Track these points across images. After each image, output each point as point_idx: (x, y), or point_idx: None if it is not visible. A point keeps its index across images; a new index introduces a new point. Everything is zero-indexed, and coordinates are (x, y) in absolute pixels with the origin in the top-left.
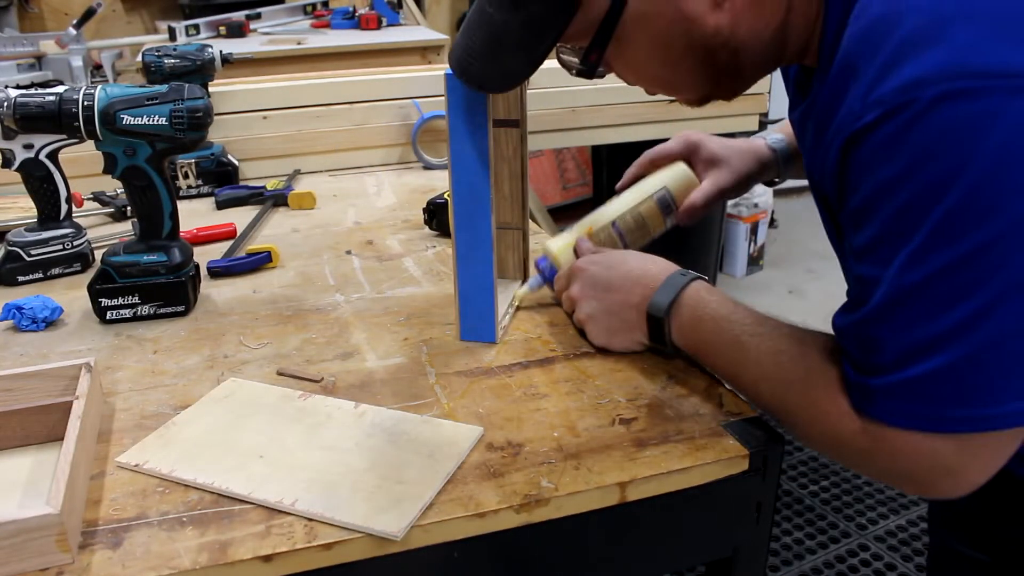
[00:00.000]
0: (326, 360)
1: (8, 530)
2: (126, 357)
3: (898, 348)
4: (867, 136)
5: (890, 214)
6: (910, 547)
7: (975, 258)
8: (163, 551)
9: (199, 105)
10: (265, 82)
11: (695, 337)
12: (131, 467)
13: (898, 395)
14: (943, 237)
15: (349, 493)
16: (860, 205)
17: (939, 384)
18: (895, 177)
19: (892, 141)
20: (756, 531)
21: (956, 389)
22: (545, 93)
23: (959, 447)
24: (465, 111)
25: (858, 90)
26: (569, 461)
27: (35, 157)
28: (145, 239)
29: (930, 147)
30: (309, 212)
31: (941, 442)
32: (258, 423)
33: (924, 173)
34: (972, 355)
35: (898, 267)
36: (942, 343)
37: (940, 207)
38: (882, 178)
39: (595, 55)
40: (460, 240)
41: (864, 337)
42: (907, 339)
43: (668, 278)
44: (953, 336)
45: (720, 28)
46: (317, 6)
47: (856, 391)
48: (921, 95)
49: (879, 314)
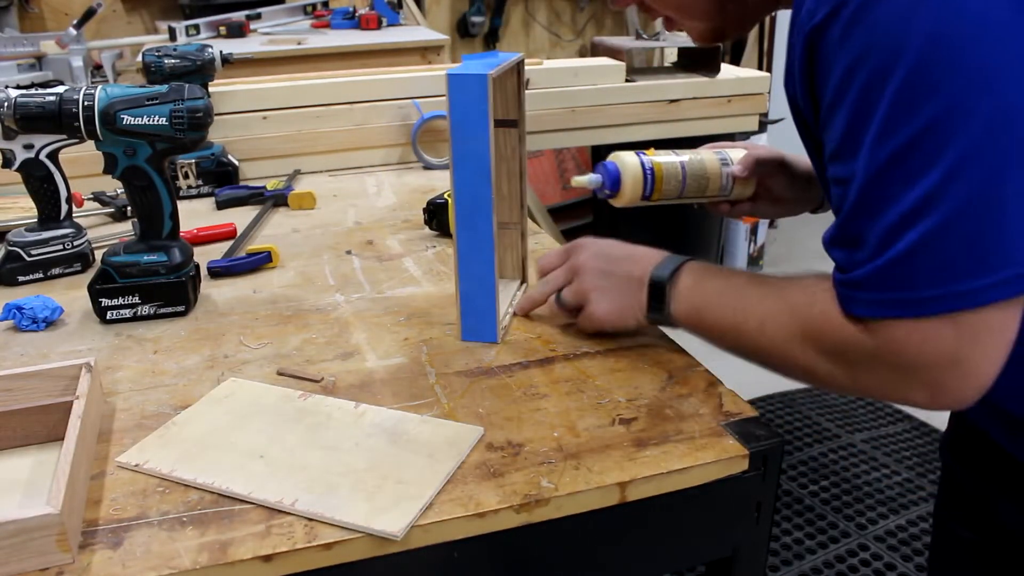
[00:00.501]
0: (326, 360)
1: (8, 530)
2: (126, 357)
3: (876, 236)
4: (824, 32)
5: (850, 105)
6: (910, 547)
7: (928, 133)
8: (163, 551)
9: (199, 105)
10: (265, 82)
11: (698, 298)
12: (131, 467)
13: (877, 284)
14: (896, 117)
15: (349, 493)
16: (828, 102)
17: (911, 264)
18: (849, 67)
19: (844, 33)
20: (756, 531)
21: (927, 267)
22: (545, 93)
23: (955, 331)
24: (466, 111)
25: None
26: (569, 461)
27: (35, 157)
28: (145, 239)
29: (875, 33)
30: (309, 212)
31: (935, 328)
32: (258, 423)
33: (871, 59)
34: (936, 230)
35: (864, 155)
36: (908, 222)
37: (889, 88)
38: (840, 71)
39: None
40: (461, 240)
41: (848, 238)
42: (881, 224)
43: (669, 256)
44: (916, 214)
45: None
46: (317, 6)
47: (842, 293)
48: None
49: (856, 208)
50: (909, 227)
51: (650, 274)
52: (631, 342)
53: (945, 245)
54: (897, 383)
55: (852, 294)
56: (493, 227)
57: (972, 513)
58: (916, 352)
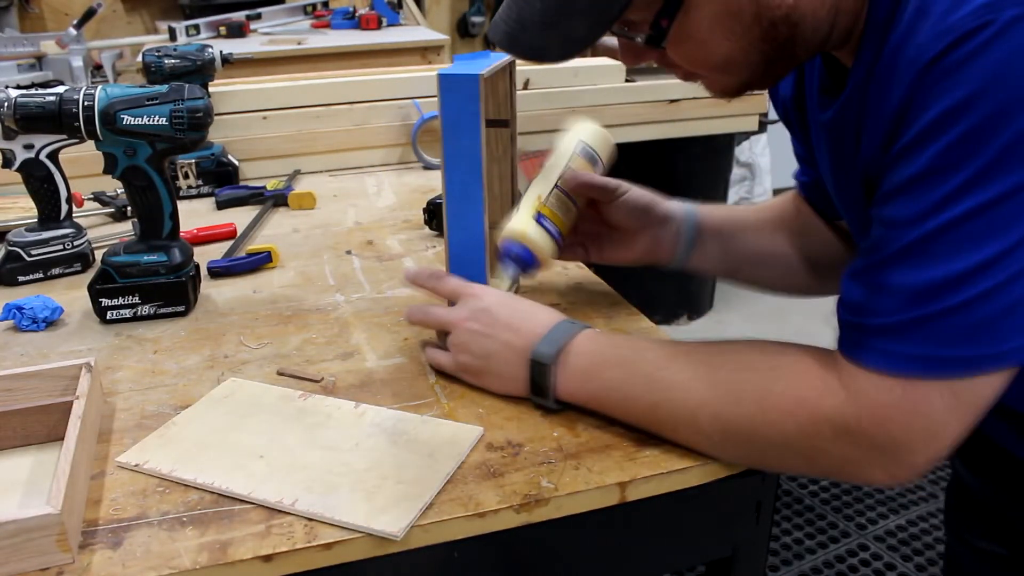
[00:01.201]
0: (326, 360)
1: (8, 530)
2: (126, 357)
3: (911, 289)
4: (933, 67)
5: (942, 147)
6: (910, 547)
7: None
8: (163, 551)
9: (199, 105)
10: (265, 82)
11: (596, 385)
12: (131, 467)
13: (906, 336)
14: (994, 172)
15: (349, 493)
16: (910, 140)
17: (950, 323)
18: (956, 106)
19: (958, 67)
20: (756, 531)
21: (964, 328)
22: (545, 93)
23: (952, 397)
24: (458, 111)
25: (927, 28)
26: (569, 461)
27: (35, 157)
28: (145, 239)
29: (999, 73)
30: (309, 212)
31: (934, 392)
32: (258, 423)
33: (988, 101)
34: (986, 293)
35: (933, 205)
36: (959, 282)
37: (999, 139)
38: (942, 108)
39: (666, 20)
40: (453, 239)
41: (876, 280)
42: (921, 278)
43: (555, 325)
44: (970, 276)
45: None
46: (317, 6)
47: (856, 338)
48: (998, 16)
49: (901, 254)
50: (959, 287)
51: (532, 350)
52: None
53: (989, 309)
54: (861, 463)
55: (870, 341)
56: (485, 227)
57: (987, 522)
58: (901, 421)
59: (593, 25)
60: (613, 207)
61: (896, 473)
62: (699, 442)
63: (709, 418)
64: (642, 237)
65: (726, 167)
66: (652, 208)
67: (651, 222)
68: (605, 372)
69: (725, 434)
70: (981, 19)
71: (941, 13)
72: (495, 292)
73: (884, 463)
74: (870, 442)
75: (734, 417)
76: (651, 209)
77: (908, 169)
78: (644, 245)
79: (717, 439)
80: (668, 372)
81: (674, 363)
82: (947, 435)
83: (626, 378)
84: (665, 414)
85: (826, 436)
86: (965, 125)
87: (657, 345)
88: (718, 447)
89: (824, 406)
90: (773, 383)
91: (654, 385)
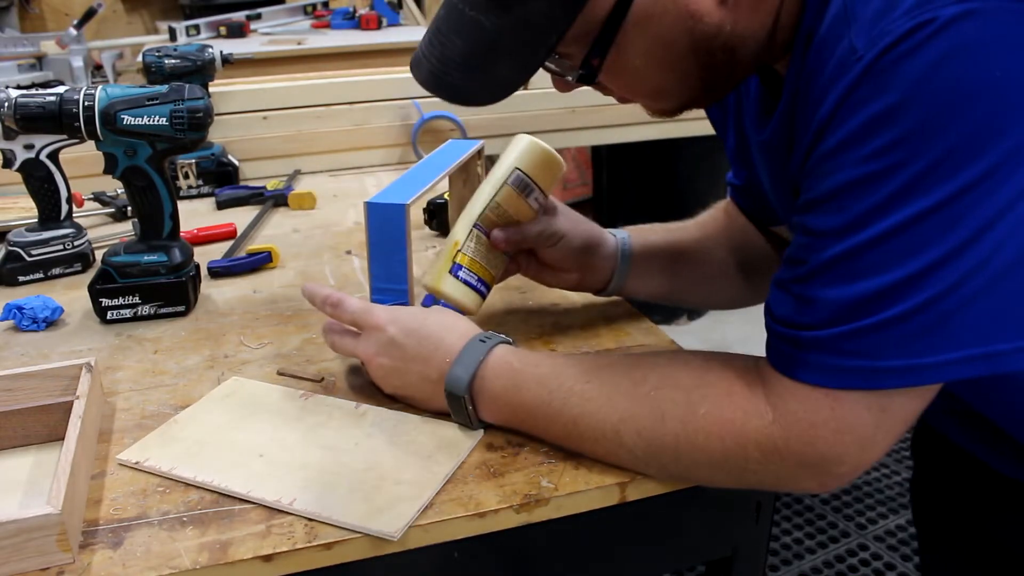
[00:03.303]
0: (326, 360)
1: (8, 530)
2: (127, 357)
3: (841, 302)
4: (867, 71)
5: (869, 155)
6: (909, 547)
7: (950, 204)
8: (163, 551)
9: (199, 105)
10: (265, 82)
11: (515, 405)
12: (131, 465)
13: (837, 350)
14: (924, 184)
15: (348, 493)
16: (836, 145)
17: (879, 335)
18: (884, 112)
19: (888, 70)
20: (755, 531)
21: (897, 340)
22: (545, 93)
23: (880, 411)
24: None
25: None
26: (569, 461)
27: (36, 157)
28: (145, 239)
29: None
30: (309, 212)
31: (862, 406)
32: (259, 422)
33: (918, 108)
34: (917, 308)
35: (860, 215)
36: (887, 297)
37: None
38: (870, 114)
39: (597, 59)
40: None
41: (805, 293)
42: (851, 292)
43: (465, 348)
44: (898, 291)
45: (722, 25)
46: (317, 6)
47: (788, 352)
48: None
49: (829, 266)
50: (890, 300)
51: (445, 382)
52: (632, 342)
53: (921, 321)
54: (791, 478)
55: (799, 355)
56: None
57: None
58: (831, 437)
59: (519, 68)
60: (547, 251)
61: (826, 482)
62: (621, 456)
63: (632, 434)
64: (577, 270)
65: (726, 167)
66: (587, 248)
67: (586, 259)
68: (523, 393)
69: (649, 450)
70: (916, 19)
71: (873, 16)
72: (398, 317)
73: (814, 475)
74: (798, 460)
75: (658, 435)
76: (586, 249)
77: (834, 177)
78: (578, 277)
79: (641, 454)
80: (589, 387)
81: (596, 377)
82: (875, 448)
83: (546, 395)
84: (586, 428)
85: (754, 458)
86: (893, 133)
87: (577, 360)
88: (642, 462)
89: (750, 428)
90: (698, 403)
91: (574, 400)
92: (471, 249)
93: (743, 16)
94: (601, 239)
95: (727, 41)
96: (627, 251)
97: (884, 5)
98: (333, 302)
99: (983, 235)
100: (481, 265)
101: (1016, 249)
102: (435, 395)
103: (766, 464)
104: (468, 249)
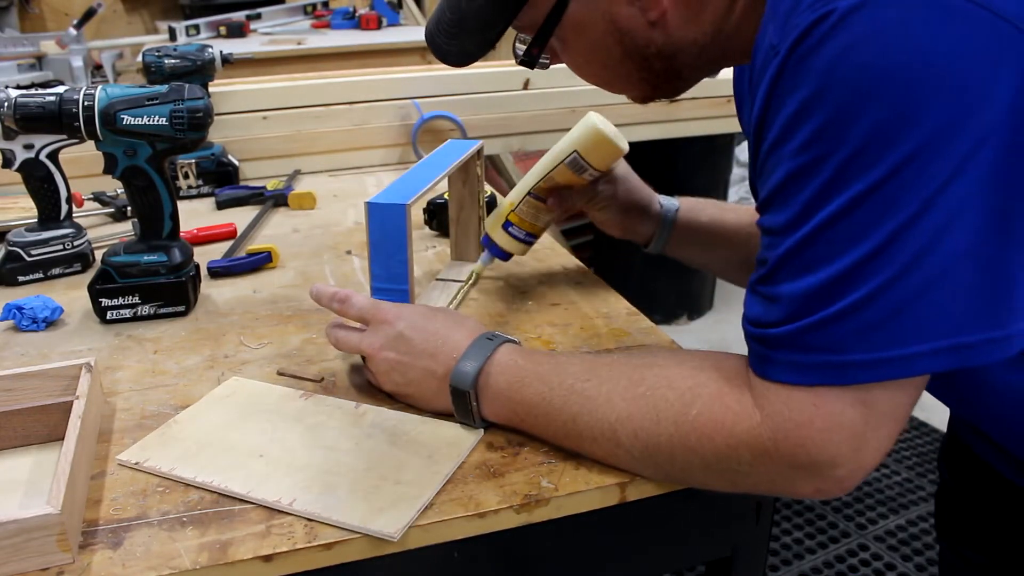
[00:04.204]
0: (326, 360)
1: (8, 530)
2: (126, 357)
3: (798, 296)
4: (783, 68)
5: (793, 152)
6: (910, 547)
7: (883, 187)
8: (163, 551)
9: (199, 105)
10: (265, 82)
11: (517, 403)
12: (131, 465)
13: (800, 345)
14: (854, 167)
15: (347, 493)
16: (770, 144)
17: (839, 326)
18: (803, 104)
19: (800, 63)
20: (755, 531)
21: (857, 331)
22: (545, 93)
23: (863, 407)
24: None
25: (774, 31)
26: (569, 461)
27: (35, 157)
28: (145, 239)
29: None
30: (309, 212)
31: (845, 403)
32: (259, 422)
33: (831, 96)
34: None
35: (801, 207)
36: (841, 284)
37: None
38: (792, 108)
39: (536, 50)
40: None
41: (768, 291)
42: (805, 284)
43: (472, 346)
44: (851, 277)
45: (653, 39)
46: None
47: (759, 351)
48: (835, 6)
49: (784, 262)
50: (841, 290)
51: (451, 377)
52: (632, 342)
53: (876, 310)
54: (785, 481)
55: (770, 354)
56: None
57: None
58: (818, 438)
59: (481, 43)
60: (596, 212)
61: (823, 488)
62: (619, 456)
63: (629, 434)
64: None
65: (726, 167)
66: (631, 212)
67: (629, 222)
68: (525, 389)
69: (646, 451)
70: (817, 12)
71: (785, 11)
72: (406, 313)
73: (808, 479)
74: (789, 462)
75: (654, 436)
76: (630, 212)
77: (775, 174)
78: (620, 232)
79: (638, 455)
80: (589, 385)
81: (595, 376)
82: (868, 448)
83: (547, 391)
84: (584, 426)
85: (745, 459)
86: (813, 124)
87: (578, 359)
88: (639, 464)
89: (740, 430)
90: (690, 404)
91: (574, 398)
92: (522, 211)
93: (674, 30)
94: (648, 205)
95: (661, 50)
96: (669, 222)
97: (794, 0)
98: (340, 298)
99: (921, 218)
100: (530, 223)
101: (966, 236)
102: (438, 392)
103: (758, 466)
104: (520, 211)
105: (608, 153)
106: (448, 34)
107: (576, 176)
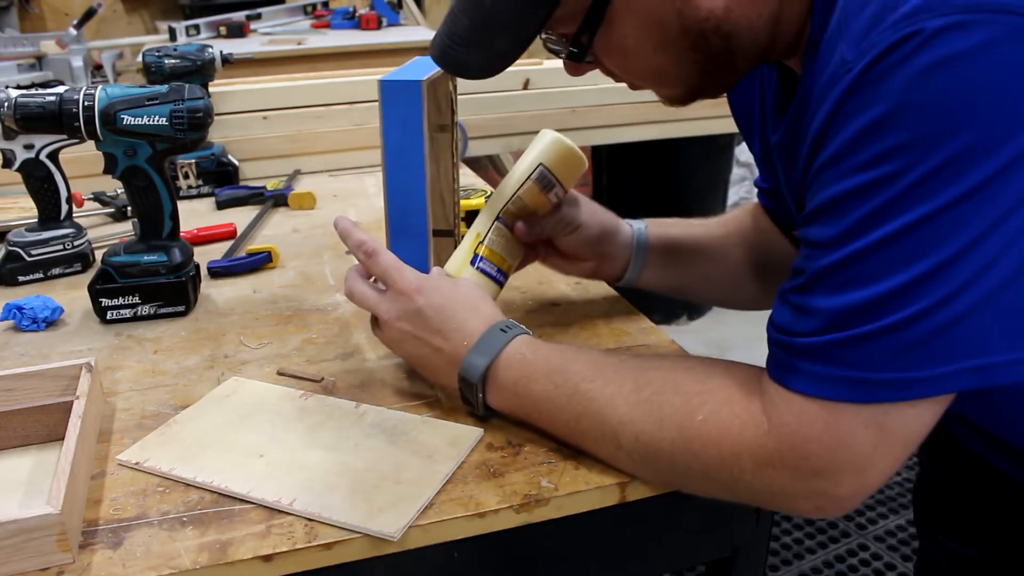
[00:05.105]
0: (326, 360)
1: (8, 530)
2: (126, 357)
3: (835, 310)
4: (856, 84)
5: (861, 165)
6: (910, 547)
7: (948, 212)
8: (163, 551)
9: (199, 105)
10: (265, 82)
11: (524, 397)
12: (131, 465)
13: (827, 356)
14: (917, 193)
15: (347, 493)
16: (829, 157)
17: (873, 345)
18: (875, 123)
19: (877, 82)
20: (755, 531)
21: (892, 351)
22: (545, 93)
23: (877, 428)
24: (400, 118)
25: (848, 45)
26: (569, 461)
27: (35, 157)
28: (145, 239)
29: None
30: (309, 212)
31: (859, 423)
32: (259, 422)
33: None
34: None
35: (854, 224)
36: (880, 306)
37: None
38: (861, 125)
39: (586, 36)
40: (395, 250)
41: (801, 302)
42: (845, 300)
43: (486, 333)
44: (892, 300)
45: (713, 11)
46: (317, 6)
47: (782, 359)
48: (924, 27)
49: (824, 275)
50: (883, 310)
51: (461, 364)
52: (632, 342)
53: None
54: (784, 495)
55: (794, 362)
56: (429, 236)
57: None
58: (825, 453)
59: (514, 42)
60: (564, 240)
61: (822, 506)
62: (620, 459)
63: (631, 437)
64: (593, 258)
65: (726, 167)
66: (603, 237)
67: (602, 249)
68: (532, 385)
69: (646, 455)
70: (902, 32)
71: (862, 29)
72: (428, 288)
73: (808, 495)
74: (792, 475)
75: (655, 441)
76: (602, 238)
77: (830, 188)
78: (594, 265)
79: (638, 458)
80: (594, 386)
81: (600, 376)
82: (873, 471)
83: (552, 389)
84: (588, 427)
85: (747, 468)
86: (886, 143)
87: (587, 356)
88: (639, 467)
89: (745, 438)
90: (696, 410)
91: (578, 398)
92: (491, 241)
93: (736, 5)
94: (618, 229)
95: (720, 26)
96: (644, 242)
97: (873, 18)
98: (368, 250)
99: (978, 246)
100: (500, 256)
101: (1012, 262)
102: (445, 371)
103: (759, 476)
104: (489, 241)
105: (573, 165)
106: (466, 42)
107: (543, 195)
